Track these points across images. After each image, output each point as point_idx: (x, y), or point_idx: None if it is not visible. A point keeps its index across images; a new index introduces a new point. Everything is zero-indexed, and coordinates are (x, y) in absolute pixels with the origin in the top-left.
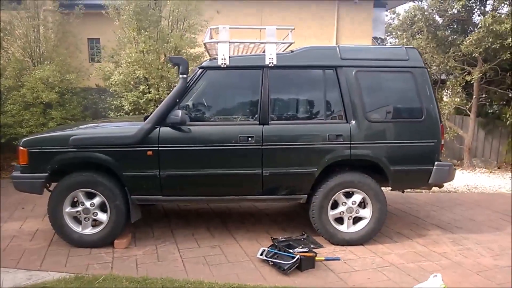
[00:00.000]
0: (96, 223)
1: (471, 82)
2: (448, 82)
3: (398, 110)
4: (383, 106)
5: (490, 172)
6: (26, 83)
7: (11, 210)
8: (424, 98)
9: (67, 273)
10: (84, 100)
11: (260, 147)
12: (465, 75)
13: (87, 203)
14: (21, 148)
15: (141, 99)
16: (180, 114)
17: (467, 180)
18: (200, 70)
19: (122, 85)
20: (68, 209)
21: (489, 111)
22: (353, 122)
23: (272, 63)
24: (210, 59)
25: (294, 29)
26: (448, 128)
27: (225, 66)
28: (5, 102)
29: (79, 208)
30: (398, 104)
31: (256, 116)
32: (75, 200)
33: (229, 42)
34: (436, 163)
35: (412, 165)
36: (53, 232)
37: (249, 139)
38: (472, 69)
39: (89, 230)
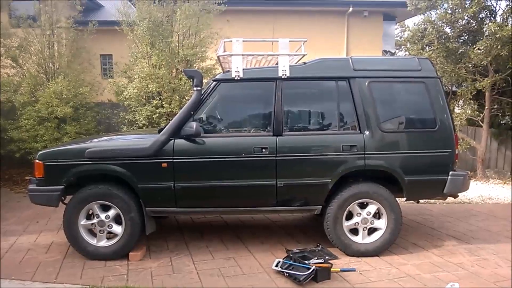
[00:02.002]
0: (111, 235)
1: (482, 90)
2: (458, 91)
3: (412, 120)
4: (397, 116)
5: (504, 183)
6: (41, 98)
7: (25, 224)
8: (437, 108)
9: (83, 285)
10: (98, 115)
11: (274, 158)
12: (475, 83)
13: (102, 216)
14: (37, 161)
15: (154, 114)
16: (194, 126)
17: (481, 191)
18: (214, 83)
19: (135, 99)
20: (83, 221)
21: (501, 122)
22: (367, 132)
23: (285, 75)
24: (224, 72)
25: (306, 41)
26: (461, 140)
27: (238, 78)
28: (20, 117)
29: (94, 221)
30: (412, 114)
31: (270, 127)
32: (90, 212)
33: (243, 55)
34: (450, 172)
35: (426, 175)
36: (68, 245)
37: (263, 150)
38: (483, 79)
39: (104, 243)
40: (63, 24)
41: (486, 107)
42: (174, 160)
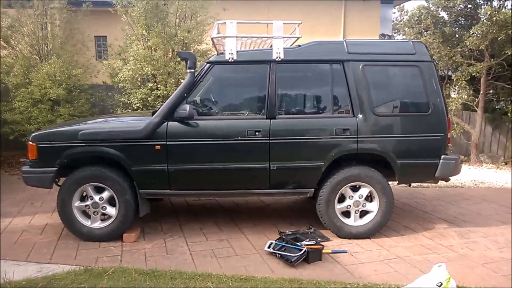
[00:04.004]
0: (105, 217)
1: (476, 75)
2: (453, 76)
3: (405, 104)
4: (390, 100)
5: (497, 167)
6: (34, 79)
7: (20, 205)
8: (430, 92)
9: (77, 266)
10: (92, 97)
11: (268, 141)
12: (470, 68)
13: (96, 197)
14: (31, 143)
15: (149, 96)
16: (188, 109)
17: (474, 175)
18: (208, 65)
19: (130, 82)
20: (77, 203)
21: (496, 107)
22: (360, 116)
23: (280, 57)
24: (217, 54)
25: (301, 23)
26: (455, 124)
27: (232, 60)
28: (13, 99)
29: (88, 202)
30: (405, 98)
31: (264, 110)
32: (84, 194)
33: (236, 37)
34: (442, 156)
35: (418, 159)
36: (62, 226)
37: (257, 133)
38: (478, 64)
39: (98, 224)
40: (56, 4)
41: (481, 92)
42: (167, 143)
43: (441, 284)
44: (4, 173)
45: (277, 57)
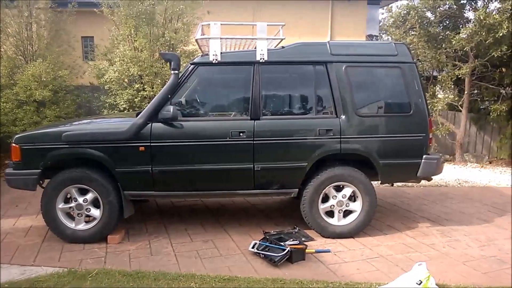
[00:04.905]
0: (89, 219)
1: (461, 77)
2: (439, 77)
3: (387, 104)
4: (373, 100)
5: (482, 166)
6: (19, 81)
7: (5, 208)
8: (412, 92)
9: (60, 268)
10: (78, 98)
11: (252, 142)
12: (456, 70)
13: (80, 199)
14: (14, 144)
15: (136, 97)
16: (172, 110)
17: (458, 174)
18: (192, 66)
19: (116, 83)
20: (61, 205)
21: (481, 107)
22: (343, 117)
23: (263, 58)
24: (202, 55)
25: (284, 25)
26: (440, 124)
27: (216, 62)
28: None
29: (72, 204)
30: (387, 99)
31: (248, 111)
32: (68, 196)
33: (220, 38)
34: (424, 156)
35: (400, 159)
36: (46, 228)
37: (241, 134)
38: (463, 64)
39: (82, 226)
40: (41, 5)
41: (466, 92)
42: (151, 144)
43: (421, 282)
44: None
45: (260, 59)
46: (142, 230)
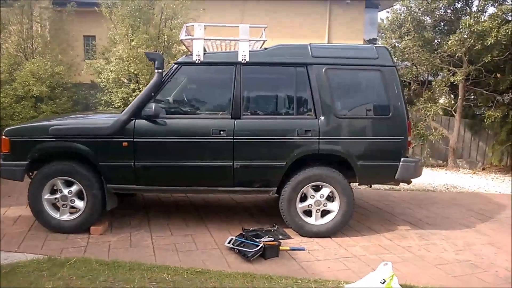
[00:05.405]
0: (73, 210)
1: (456, 83)
2: (433, 83)
3: (366, 106)
4: (352, 102)
5: (474, 173)
6: (18, 77)
7: None
8: (392, 95)
9: (41, 255)
10: (75, 95)
11: (232, 140)
12: (450, 76)
13: (65, 191)
14: (4, 137)
15: (130, 96)
16: (154, 107)
17: (448, 180)
18: (176, 66)
19: (112, 81)
20: (47, 196)
21: (476, 113)
22: (322, 118)
23: (245, 59)
24: (186, 55)
25: (267, 27)
26: (434, 129)
27: (199, 62)
28: None
29: (58, 195)
30: (366, 101)
31: (229, 110)
32: (55, 187)
33: (204, 39)
34: (402, 159)
35: (378, 161)
36: (34, 218)
37: (221, 132)
38: (458, 70)
39: (66, 217)
40: (43, 4)
41: (459, 97)
42: (134, 140)
43: (385, 281)
44: None
45: (242, 59)
46: (125, 223)
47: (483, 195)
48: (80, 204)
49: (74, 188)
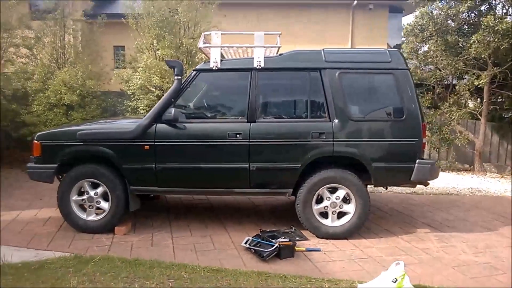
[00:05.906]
0: (99, 211)
1: (480, 86)
2: (457, 87)
3: (380, 109)
4: (365, 105)
5: (502, 177)
6: (51, 86)
7: (30, 200)
8: (405, 98)
9: (68, 253)
10: (104, 103)
11: (248, 143)
12: (474, 79)
13: (92, 192)
14: (35, 141)
15: (155, 103)
16: (173, 112)
17: (474, 184)
18: (194, 72)
19: (140, 89)
20: (75, 197)
21: (504, 116)
22: (336, 120)
23: (260, 65)
24: (204, 62)
25: (281, 34)
26: (459, 133)
27: (216, 68)
28: (32, 103)
29: (85, 197)
30: (380, 104)
31: (245, 114)
32: (82, 189)
33: (221, 47)
34: (417, 161)
35: (393, 163)
36: (62, 220)
37: (237, 135)
38: (482, 72)
39: (92, 217)
40: (75, 17)
41: (485, 100)
42: (155, 143)
43: (396, 280)
44: (21, 171)
45: (257, 65)
46: (148, 224)
47: (508, 199)
48: (105, 205)
49: (100, 190)
